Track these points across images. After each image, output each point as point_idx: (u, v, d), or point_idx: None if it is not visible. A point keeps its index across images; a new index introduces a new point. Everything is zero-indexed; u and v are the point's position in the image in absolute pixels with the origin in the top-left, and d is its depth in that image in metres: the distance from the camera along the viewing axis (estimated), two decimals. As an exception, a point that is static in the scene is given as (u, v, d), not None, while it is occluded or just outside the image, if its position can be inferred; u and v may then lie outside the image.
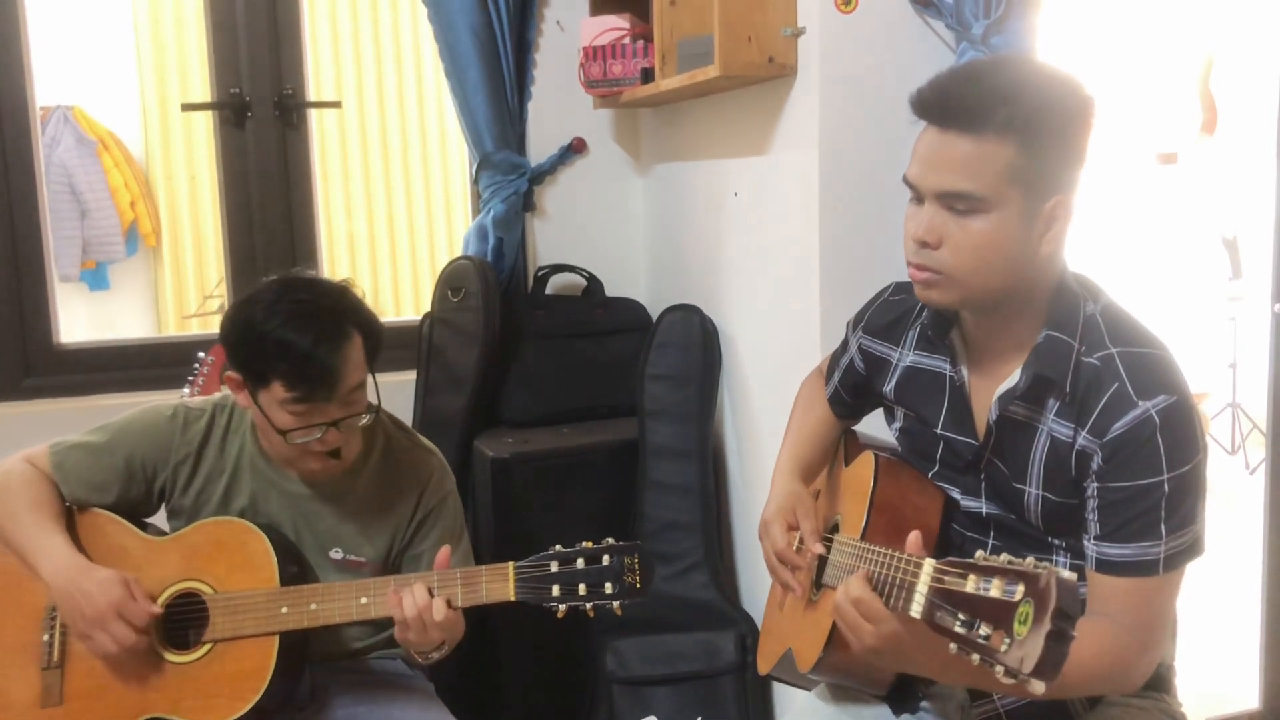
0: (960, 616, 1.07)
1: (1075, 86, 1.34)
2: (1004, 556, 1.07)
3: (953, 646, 1.08)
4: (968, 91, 1.32)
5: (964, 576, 1.09)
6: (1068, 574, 1.00)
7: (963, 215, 1.33)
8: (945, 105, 1.33)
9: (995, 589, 1.03)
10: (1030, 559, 1.04)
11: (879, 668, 1.47)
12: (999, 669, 1.01)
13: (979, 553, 1.12)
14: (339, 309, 1.72)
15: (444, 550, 1.71)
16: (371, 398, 1.78)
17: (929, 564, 1.17)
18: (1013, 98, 1.30)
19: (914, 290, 1.45)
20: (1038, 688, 0.99)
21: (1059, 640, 0.98)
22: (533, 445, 2.61)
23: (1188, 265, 5.48)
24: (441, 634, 1.66)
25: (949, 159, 1.32)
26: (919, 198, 1.38)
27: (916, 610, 1.16)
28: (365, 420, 1.76)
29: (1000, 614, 1.02)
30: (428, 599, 1.64)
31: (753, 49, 2.07)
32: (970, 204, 1.32)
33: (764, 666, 1.78)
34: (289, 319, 1.67)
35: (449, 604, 1.64)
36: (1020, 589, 1.01)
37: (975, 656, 1.04)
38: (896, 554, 1.27)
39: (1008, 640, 1.01)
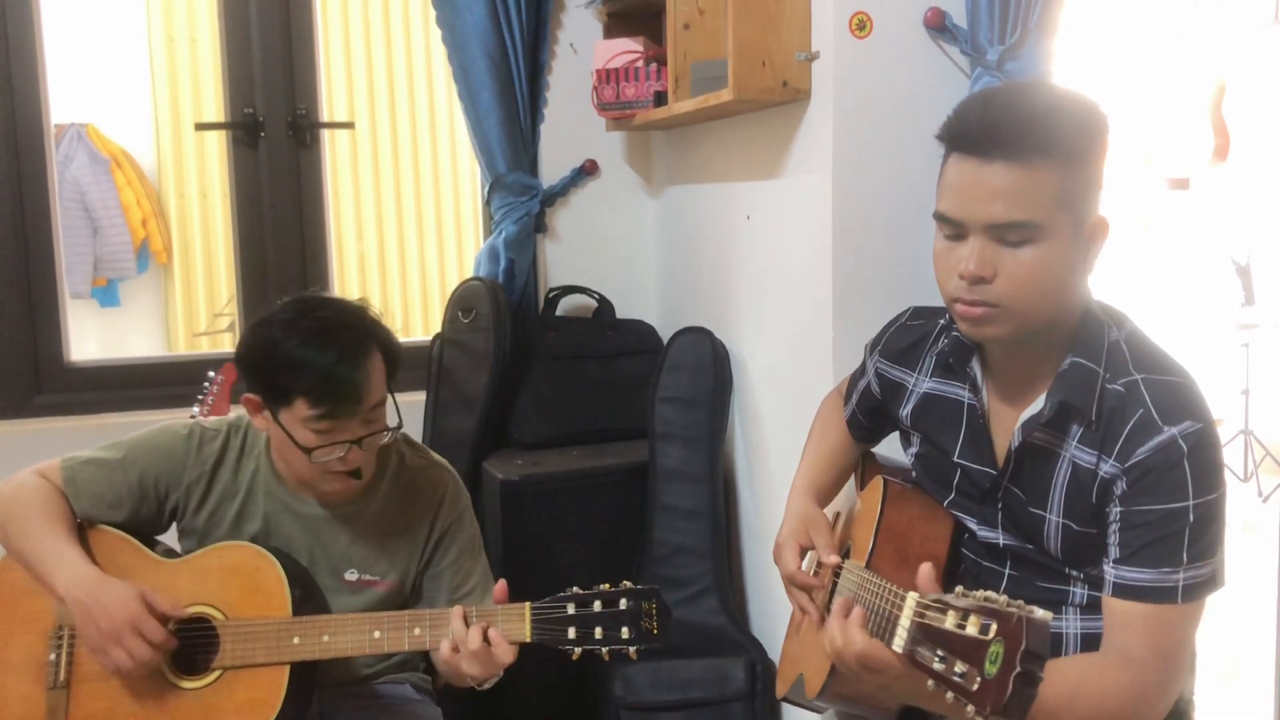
0: (938, 653, 1.07)
1: (1095, 105, 1.34)
2: (981, 593, 1.06)
3: (930, 683, 1.08)
4: (1011, 119, 1.29)
5: (944, 612, 1.08)
6: (1040, 614, 0.99)
7: (1015, 246, 1.30)
8: (991, 135, 1.29)
9: (972, 626, 1.03)
10: (1004, 597, 1.03)
11: (885, 697, 1.46)
12: (970, 708, 1.01)
13: (958, 588, 1.11)
14: (360, 325, 1.72)
15: (501, 584, 1.69)
16: (392, 416, 1.77)
17: (912, 598, 1.16)
18: (1052, 121, 1.29)
19: (960, 328, 1.41)
20: None
21: (1026, 682, 0.97)
22: (542, 467, 2.60)
23: (1200, 291, 5.47)
24: (505, 665, 1.64)
25: (998, 189, 1.29)
26: (958, 233, 1.34)
27: (898, 645, 1.16)
28: (387, 439, 1.76)
29: (974, 652, 1.02)
30: (491, 635, 1.62)
31: (766, 73, 2.07)
32: (1024, 233, 1.29)
33: (780, 689, 1.78)
34: (310, 336, 1.66)
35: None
36: (993, 627, 1.01)
37: (950, 694, 1.04)
38: (887, 585, 1.28)
39: (979, 679, 1.00)
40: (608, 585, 1.63)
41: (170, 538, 1.88)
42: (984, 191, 1.30)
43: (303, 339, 1.66)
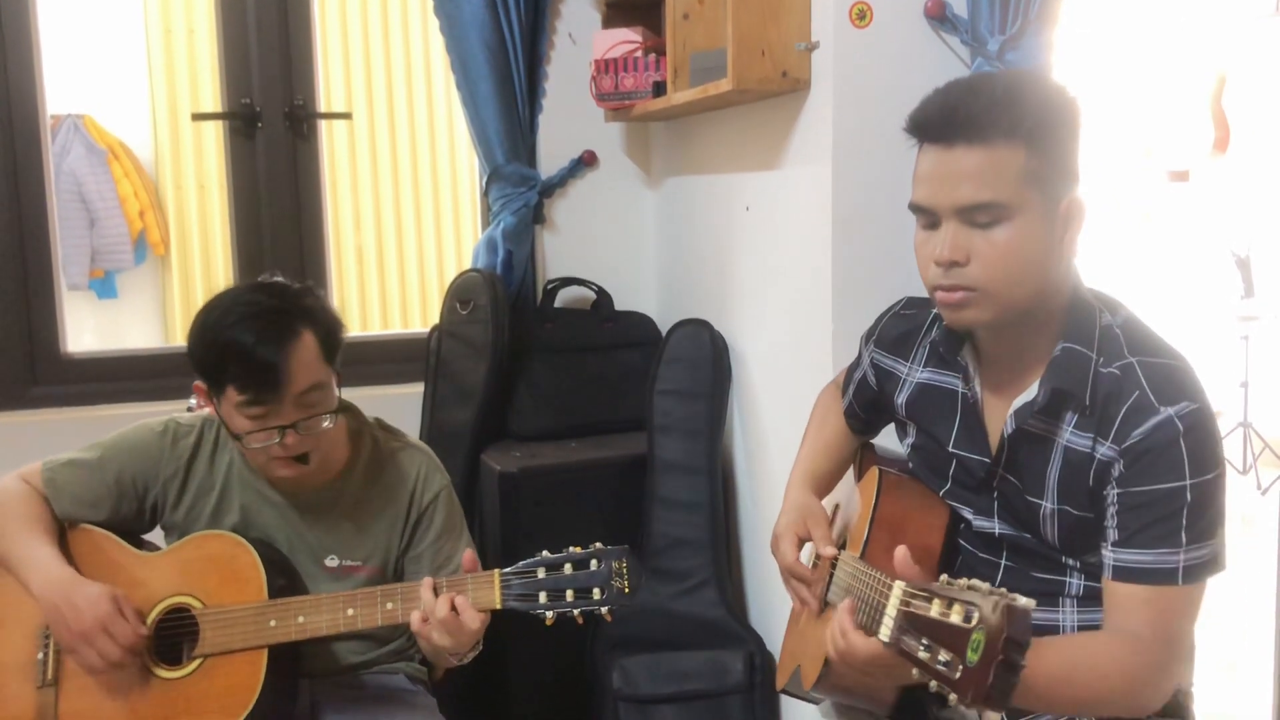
0: (923, 642, 1.08)
1: (1062, 87, 1.36)
2: (963, 581, 1.07)
3: (915, 671, 1.08)
4: (969, 103, 1.32)
5: (929, 600, 1.09)
6: (1023, 602, 1.00)
7: (986, 228, 1.32)
8: (950, 120, 1.32)
9: (955, 614, 1.04)
10: (986, 585, 1.04)
11: (882, 688, 1.47)
12: (953, 696, 1.02)
13: (943, 576, 1.12)
14: (287, 308, 1.69)
15: (469, 553, 1.71)
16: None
17: (899, 586, 1.17)
18: (1014, 102, 1.31)
19: (942, 315, 1.42)
20: (992, 717, 1.00)
21: (1008, 669, 0.98)
22: (540, 459, 2.59)
23: (1200, 283, 5.46)
24: (476, 634, 1.65)
25: (962, 172, 1.31)
26: (932, 221, 1.37)
27: (885, 634, 1.17)
28: (327, 424, 1.73)
29: (957, 640, 1.02)
30: (458, 602, 1.62)
31: (766, 63, 2.06)
32: (993, 214, 1.31)
33: (780, 682, 1.77)
34: (236, 320, 1.66)
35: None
36: (976, 615, 1.01)
37: (934, 682, 1.05)
38: (876, 574, 1.29)
39: (961, 667, 1.01)
40: (578, 548, 1.63)
41: (156, 537, 1.89)
42: (950, 176, 1.32)
43: (230, 323, 1.66)
